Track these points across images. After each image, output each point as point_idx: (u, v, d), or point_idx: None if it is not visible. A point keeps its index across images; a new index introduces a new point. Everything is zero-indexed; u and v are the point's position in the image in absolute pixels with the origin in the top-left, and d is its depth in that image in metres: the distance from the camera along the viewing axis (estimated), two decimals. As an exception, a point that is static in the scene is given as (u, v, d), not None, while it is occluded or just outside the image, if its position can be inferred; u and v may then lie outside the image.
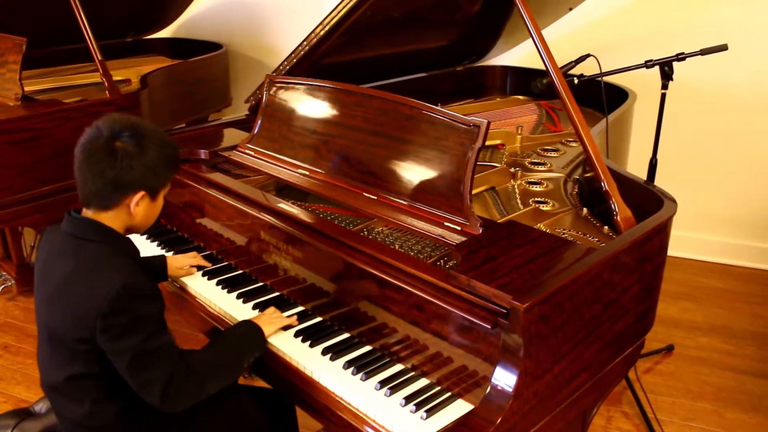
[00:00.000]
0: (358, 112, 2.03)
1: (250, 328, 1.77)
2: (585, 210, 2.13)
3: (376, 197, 1.94)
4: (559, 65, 2.51)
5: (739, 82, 3.72)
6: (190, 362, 1.59)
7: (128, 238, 1.68)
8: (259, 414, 1.88)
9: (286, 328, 1.83)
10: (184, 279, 2.10)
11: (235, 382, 2.14)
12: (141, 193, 1.60)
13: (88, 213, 1.63)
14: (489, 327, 1.43)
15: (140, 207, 1.63)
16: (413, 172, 1.88)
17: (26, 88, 3.17)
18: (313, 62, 2.51)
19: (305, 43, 2.46)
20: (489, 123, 1.71)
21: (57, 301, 1.57)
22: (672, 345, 3.26)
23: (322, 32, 2.39)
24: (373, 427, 1.53)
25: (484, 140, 1.72)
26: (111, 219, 1.62)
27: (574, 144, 2.85)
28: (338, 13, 2.31)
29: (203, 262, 2.16)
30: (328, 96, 2.16)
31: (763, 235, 3.96)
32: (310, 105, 2.21)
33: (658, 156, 2.68)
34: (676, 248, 4.03)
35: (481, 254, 1.58)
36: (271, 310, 1.88)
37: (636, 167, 2.70)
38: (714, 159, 3.92)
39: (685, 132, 3.82)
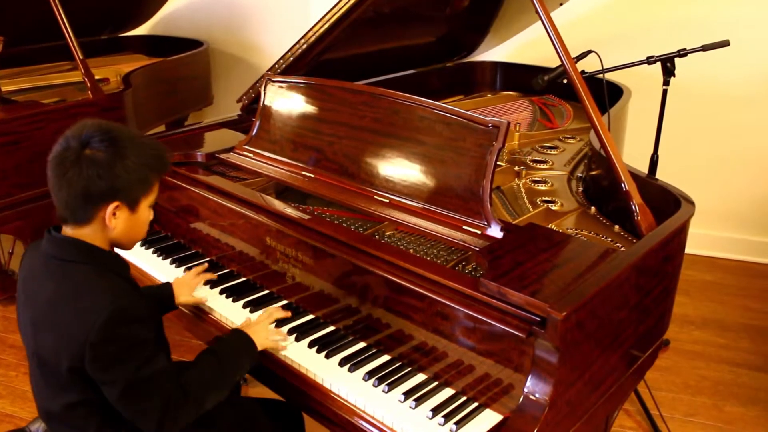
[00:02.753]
0: (367, 111, 1.97)
1: (241, 339, 1.68)
2: (593, 208, 2.10)
3: (388, 200, 1.88)
4: (559, 63, 2.50)
5: (739, 78, 3.73)
6: (185, 383, 1.50)
7: (115, 255, 1.56)
8: (266, 425, 1.80)
9: (299, 338, 1.76)
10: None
11: (238, 392, 2.08)
12: (114, 204, 1.46)
13: (67, 231, 1.50)
14: (523, 336, 1.39)
15: (118, 219, 1.48)
16: (428, 174, 1.83)
17: (2, 89, 3.05)
18: (311, 60, 2.44)
19: (303, 41, 2.39)
20: (509, 123, 1.67)
21: (43, 327, 1.47)
22: (668, 340, 3.26)
23: (321, 29, 2.32)
24: (400, 442, 1.47)
25: (504, 141, 1.67)
26: (91, 235, 1.49)
27: (571, 140, 2.82)
28: (340, 9, 2.24)
29: (208, 276, 2.03)
30: (332, 95, 2.09)
31: (752, 228, 3.99)
32: (313, 105, 2.14)
33: (650, 149, 2.67)
34: (665, 242, 4.05)
35: (507, 260, 1.53)
36: (263, 316, 1.80)
37: (633, 163, 2.68)
38: (705, 154, 3.94)
39: (679, 127, 3.82)
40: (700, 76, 3.72)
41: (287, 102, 2.22)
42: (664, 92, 2.48)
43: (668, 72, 2.44)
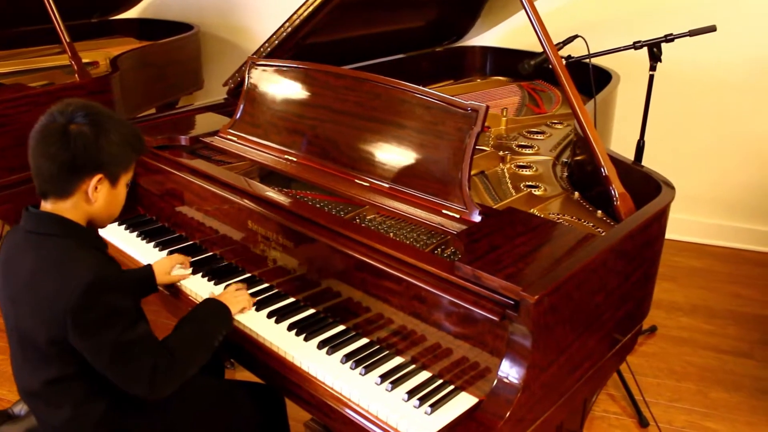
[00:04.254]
0: (349, 95, 1.96)
1: (217, 306, 1.73)
2: (577, 194, 2.10)
3: (368, 184, 1.88)
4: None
5: (722, 64, 3.72)
6: (171, 346, 1.55)
7: (94, 230, 1.59)
8: (248, 407, 1.82)
9: (279, 320, 1.77)
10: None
11: (221, 375, 2.09)
12: (98, 176, 1.50)
13: (46, 206, 1.52)
14: (497, 319, 1.39)
15: (99, 193, 1.52)
16: (408, 158, 1.82)
17: (-12, 72, 3.04)
18: (296, 44, 2.43)
19: (287, 24, 2.37)
20: (488, 107, 1.66)
21: (23, 302, 1.48)
22: (655, 326, 3.27)
23: (305, 12, 2.31)
24: (375, 423, 1.48)
25: (483, 125, 1.67)
26: (71, 210, 1.51)
27: (559, 126, 2.82)
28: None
29: (186, 260, 2.04)
30: (315, 79, 2.08)
31: (740, 215, 4.00)
32: (297, 88, 2.13)
33: (637, 135, 2.67)
34: (654, 229, 4.05)
35: (484, 243, 1.53)
36: (234, 286, 1.85)
37: (621, 148, 2.68)
38: (694, 140, 3.94)
39: (667, 113, 3.81)
40: (690, 62, 3.72)
41: (270, 86, 2.21)
42: (651, 77, 2.47)
43: (654, 57, 2.43)
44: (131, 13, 4.61)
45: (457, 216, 1.69)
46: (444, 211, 1.72)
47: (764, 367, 3.02)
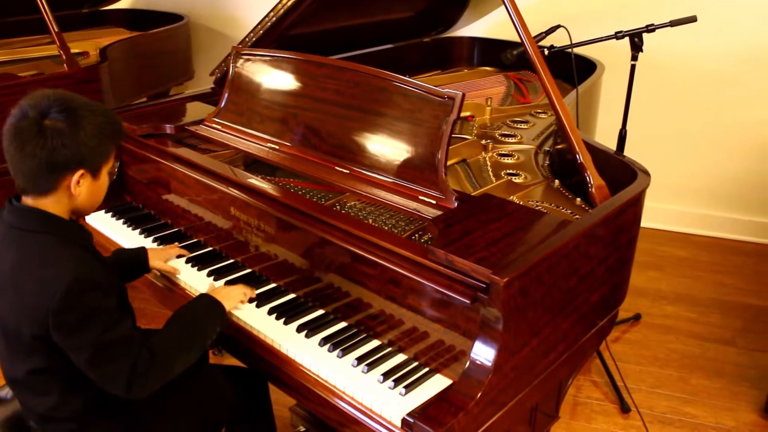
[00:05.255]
0: (330, 84, 1.99)
1: (210, 302, 1.70)
2: (557, 182, 2.12)
3: (348, 171, 1.91)
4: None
5: (706, 54, 3.75)
6: (153, 346, 1.52)
7: (77, 224, 1.57)
8: (232, 392, 1.84)
9: (259, 305, 1.80)
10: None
11: (206, 360, 2.12)
12: (80, 172, 1.48)
13: (28, 200, 1.50)
14: (468, 302, 1.42)
15: (82, 187, 1.50)
16: (387, 146, 1.85)
17: (-22, 62, 3.06)
18: (280, 34, 2.45)
19: (272, 14, 2.39)
20: (464, 95, 1.69)
21: (6, 295, 1.48)
22: (639, 314, 3.31)
23: (289, 2, 2.33)
24: (351, 405, 1.51)
25: (459, 112, 1.70)
26: (53, 204, 1.50)
27: (543, 116, 2.84)
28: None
29: (181, 251, 2.05)
30: (297, 68, 2.11)
31: (725, 205, 4.04)
32: (279, 77, 2.16)
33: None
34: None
35: (458, 228, 1.56)
36: (238, 288, 1.81)
37: (605, 138, 2.71)
38: (678, 130, 3.97)
39: (651, 103, 3.84)
40: (674, 53, 3.74)
41: (253, 75, 2.23)
42: (632, 67, 2.50)
43: (636, 47, 2.45)
44: (122, 4, 4.62)
45: (434, 202, 1.72)
46: (421, 197, 1.75)
47: (745, 354, 3.06)
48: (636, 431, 2.61)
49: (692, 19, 2.42)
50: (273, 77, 2.17)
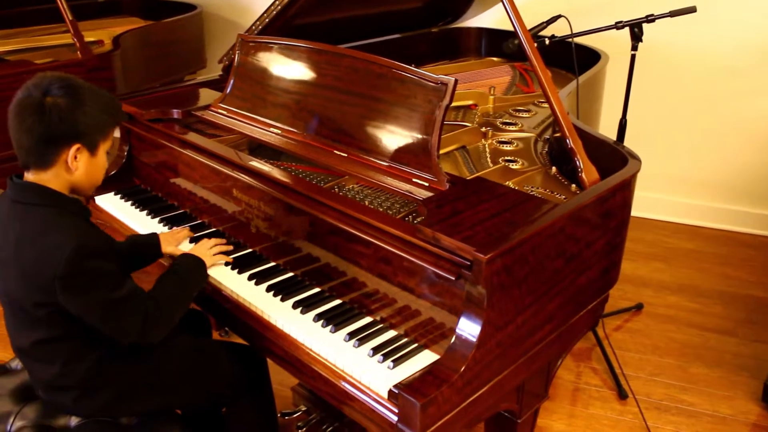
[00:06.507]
0: (329, 70, 2.04)
1: (195, 261, 1.85)
2: (554, 169, 2.16)
3: (346, 155, 1.96)
4: (530, 26, 2.55)
5: (709, 44, 3.75)
6: (156, 297, 1.67)
7: (76, 199, 1.65)
8: (233, 367, 1.91)
9: (258, 282, 1.86)
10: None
11: (209, 335, 2.19)
12: (76, 146, 1.57)
13: (29, 176, 1.60)
14: (453, 278, 1.47)
15: (79, 162, 1.59)
16: (383, 130, 1.90)
17: (-5, 49, 3.15)
18: (285, 22, 2.50)
19: (277, 2, 2.45)
20: (456, 81, 1.73)
21: (10, 268, 1.57)
22: (641, 303, 3.34)
23: (294, -10, 2.38)
24: (341, 377, 1.57)
25: (452, 98, 1.74)
26: (52, 180, 1.59)
27: (545, 105, 2.87)
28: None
29: (191, 234, 2.14)
30: (299, 55, 2.16)
31: (733, 197, 4.04)
32: (282, 64, 2.21)
33: (631, 118, 2.73)
34: (647, 209, 4.11)
35: (447, 209, 1.61)
36: (210, 242, 1.95)
37: (610, 129, 2.74)
38: (685, 121, 3.98)
39: (657, 94, 3.86)
40: (682, 45, 3.75)
41: (257, 62, 2.29)
42: (632, 57, 2.53)
43: (636, 37, 2.48)
44: (138, -7, 4.71)
45: (426, 184, 1.77)
46: (415, 180, 1.80)
47: (746, 344, 3.08)
48: (632, 417, 2.64)
49: (692, 10, 2.44)
50: (276, 64, 2.23)
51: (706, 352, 3.03)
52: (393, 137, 1.88)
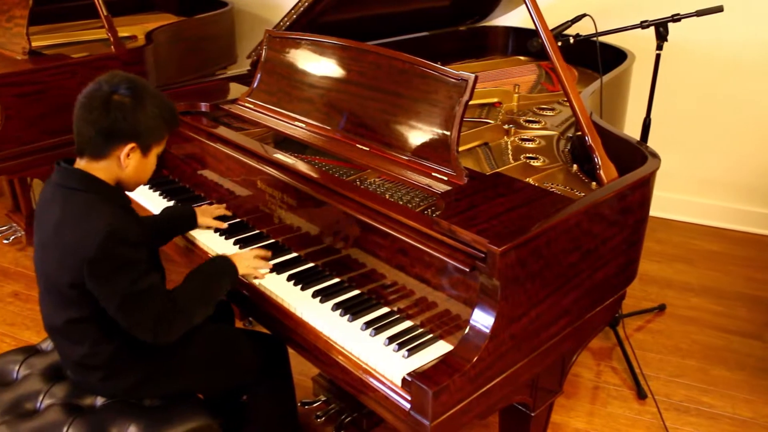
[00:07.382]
0: (353, 66, 2.08)
1: (227, 265, 1.86)
2: (575, 166, 2.17)
3: (368, 149, 2.00)
4: (556, 25, 2.56)
5: (735, 44, 3.72)
6: (176, 297, 1.70)
7: (118, 188, 1.73)
8: (253, 354, 1.96)
9: (279, 272, 1.91)
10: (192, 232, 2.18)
11: (232, 322, 2.24)
12: (131, 145, 1.65)
13: (81, 163, 1.68)
14: (468, 270, 1.50)
15: (131, 160, 1.68)
16: (404, 125, 1.94)
17: (34, 44, 3.23)
18: (312, 19, 2.55)
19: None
20: (476, 77, 1.76)
21: (49, 249, 1.65)
22: (664, 304, 3.32)
23: (321, -13, 2.43)
24: (357, 365, 1.61)
25: (471, 93, 1.77)
26: (102, 170, 1.67)
27: (570, 104, 2.88)
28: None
29: (224, 211, 2.23)
30: (323, 50, 2.20)
31: (760, 200, 3.99)
32: (307, 59, 2.26)
33: (656, 118, 2.72)
34: (673, 211, 4.09)
35: (465, 202, 1.64)
36: (253, 253, 1.95)
37: (635, 128, 2.74)
38: (712, 122, 3.94)
39: (683, 94, 3.83)
40: (710, 44, 3.71)
41: (283, 57, 2.34)
42: (657, 57, 2.53)
43: (661, 36, 2.48)
44: (171, -10, 4.79)
45: (445, 178, 1.80)
46: (434, 174, 1.83)
47: (770, 348, 3.06)
48: (651, 417, 2.64)
49: (718, 9, 2.44)
50: (301, 59, 2.28)
51: (729, 354, 3.01)
52: (413, 132, 1.91)
